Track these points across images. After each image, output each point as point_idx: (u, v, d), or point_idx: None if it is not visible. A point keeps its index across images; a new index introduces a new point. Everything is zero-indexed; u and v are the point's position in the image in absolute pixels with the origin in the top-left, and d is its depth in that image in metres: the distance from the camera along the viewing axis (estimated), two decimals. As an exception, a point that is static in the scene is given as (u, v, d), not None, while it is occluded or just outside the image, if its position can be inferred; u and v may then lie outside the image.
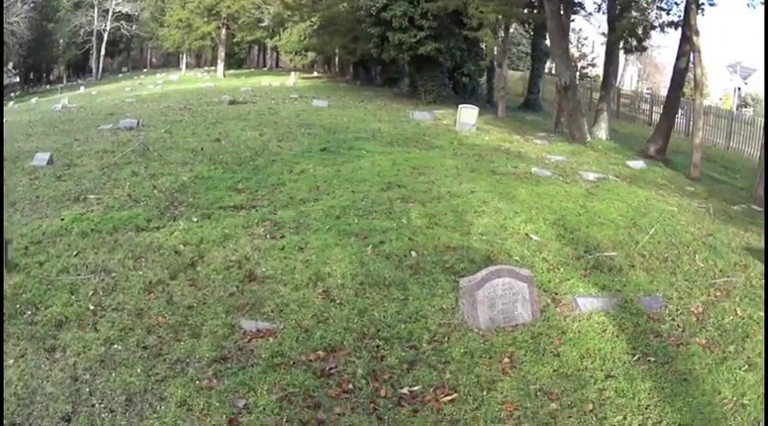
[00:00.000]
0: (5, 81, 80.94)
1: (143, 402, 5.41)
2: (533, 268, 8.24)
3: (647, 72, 74.95)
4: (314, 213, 10.39)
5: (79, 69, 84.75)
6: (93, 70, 76.09)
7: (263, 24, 54.64)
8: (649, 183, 15.16)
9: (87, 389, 5.54)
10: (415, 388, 5.65)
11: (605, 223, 10.53)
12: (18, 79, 77.65)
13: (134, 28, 74.81)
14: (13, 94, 67.63)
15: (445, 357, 6.15)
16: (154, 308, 6.98)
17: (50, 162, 14.73)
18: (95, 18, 72.28)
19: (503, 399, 5.53)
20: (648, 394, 5.66)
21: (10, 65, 72.03)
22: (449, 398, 5.50)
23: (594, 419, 5.33)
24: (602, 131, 24.62)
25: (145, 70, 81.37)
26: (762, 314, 7.31)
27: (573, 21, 31.88)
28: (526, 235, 9.67)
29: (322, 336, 6.41)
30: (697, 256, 9.36)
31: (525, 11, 29.09)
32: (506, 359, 6.12)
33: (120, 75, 74.97)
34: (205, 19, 53.09)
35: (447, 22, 31.10)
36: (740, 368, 6.13)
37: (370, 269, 8.01)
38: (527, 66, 55.55)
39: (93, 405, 5.34)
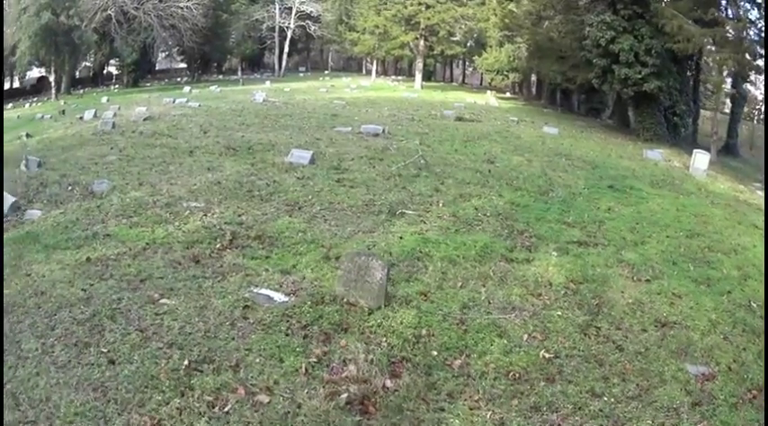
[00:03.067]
0: (168, 65, 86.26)
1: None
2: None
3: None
4: (653, 257, 10.79)
5: (254, 64, 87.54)
6: (276, 66, 79.26)
7: (454, 39, 55.40)
8: None
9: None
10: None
11: None
12: (185, 65, 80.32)
13: (315, 29, 76.51)
14: (179, 79, 72.10)
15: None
16: (609, 355, 7.20)
17: (312, 161, 15.13)
18: (277, 14, 75.09)
19: None
20: None
21: (175, 50, 75.29)
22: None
23: None
24: None
25: (326, 72, 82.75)
26: None
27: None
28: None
29: (751, 378, 7.05)
30: None
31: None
32: None
33: (301, 74, 77.44)
34: (402, 28, 54.14)
35: (667, 61, 30.74)
36: None
37: (742, 318, 8.65)
38: (711, 105, 53.90)
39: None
